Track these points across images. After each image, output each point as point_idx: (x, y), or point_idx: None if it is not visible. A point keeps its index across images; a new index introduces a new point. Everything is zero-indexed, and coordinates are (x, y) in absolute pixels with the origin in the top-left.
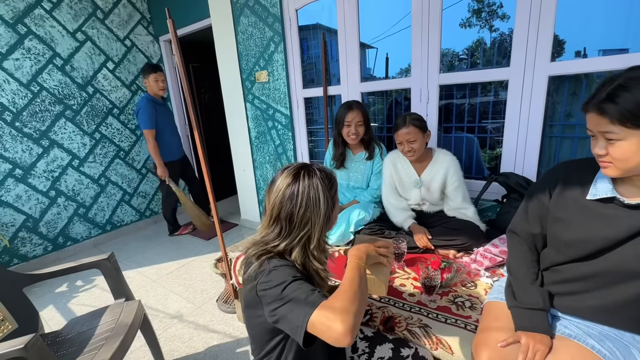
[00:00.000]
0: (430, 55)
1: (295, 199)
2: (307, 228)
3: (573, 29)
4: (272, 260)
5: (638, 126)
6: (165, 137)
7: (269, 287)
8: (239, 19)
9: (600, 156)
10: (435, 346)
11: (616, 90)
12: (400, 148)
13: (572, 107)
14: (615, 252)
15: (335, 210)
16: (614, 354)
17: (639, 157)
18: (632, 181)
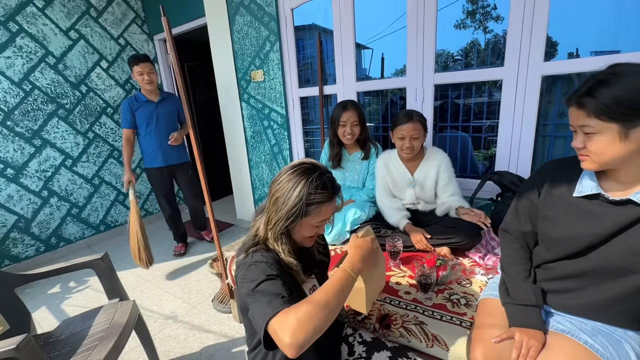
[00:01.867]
0: (426, 55)
1: (276, 181)
2: (273, 209)
3: (566, 30)
4: (256, 254)
5: (613, 119)
6: (149, 139)
7: (244, 282)
8: (234, 17)
9: (578, 149)
10: (430, 343)
11: (596, 85)
12: (399, 144)
13: (565, 107)
14: (603, 249)
15: (310, 220)
16: (606, 348)
17: (614, 151)
18: (616, 177)
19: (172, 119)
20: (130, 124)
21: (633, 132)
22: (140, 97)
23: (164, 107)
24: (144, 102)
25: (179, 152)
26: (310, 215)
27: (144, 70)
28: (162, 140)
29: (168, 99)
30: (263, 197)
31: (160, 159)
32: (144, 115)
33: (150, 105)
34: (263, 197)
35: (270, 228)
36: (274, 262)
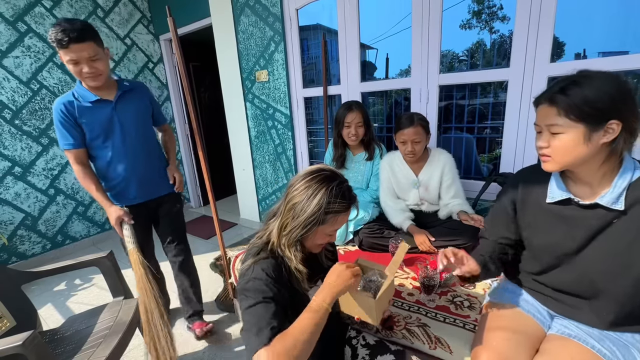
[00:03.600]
0: (430, 56)
1: (293, 186)
2: (289, 216)
3: (573, 31)
4: (257, 268)
5: (581, 119)
6: (110, 161)
7: (242, 296)
8: (239, 18)
9: (541, 148)
10: (434, 345)
11: (569, 85)
12: (402, 148)
13: None
14: (584, 254)
15: (325, 228)
16: (614, 353)
17: (577, 152)
18: (580, 179)
19: (145, 121)
20: (75, 142)
21: (595, 135)
22: (84, 94)
23: (128, 106)
24: (92, 104)
25: (162, 177)
26: (327, 224)
27: (80, 57)
28: (136, 159)
29: (133, 91)
30: (267, 197)
31: (134, 192)
32: (97, 123)
33: (104, 108)
34: (267, 197)
35: (285, 234)
36: (274, 277)
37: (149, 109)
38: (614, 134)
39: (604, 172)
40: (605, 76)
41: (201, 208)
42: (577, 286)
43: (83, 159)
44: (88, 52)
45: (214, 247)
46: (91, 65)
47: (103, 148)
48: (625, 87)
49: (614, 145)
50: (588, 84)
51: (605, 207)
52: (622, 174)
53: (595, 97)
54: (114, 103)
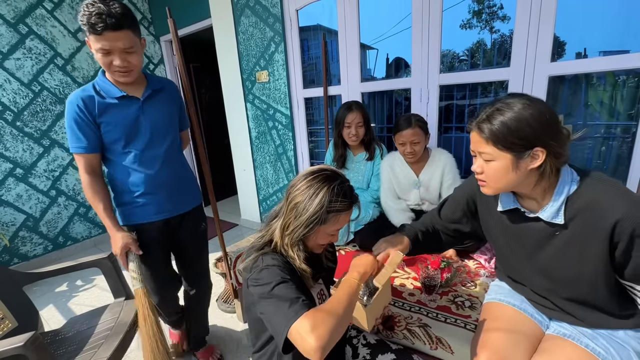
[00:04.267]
0: (431, 56)
1: (295, 186)
2: (291, 215)
3: (573, 30)
4: (266, 257)
5: (507, 148)
6: (132, 170)
7: (257, 285)
8: (239, 19)
9: (477, 174)
10: (435, 345)
11: (493, 113)
12: (401, 149)
13: (572, 107)
14: (537, 263)
15: (327, 228)
16: (608, 351)
17: (507, 178)
18: (527, 196)
19: (174, 126)
20: (89, 144)
21: (522, 162)
22: (108, 89)
23: (157, 107)
24: (116, 100)
25: (188, 188)
26: (329, 223)
27: (114, 47)
28: (161, 169)
29: (164, 90)
30: (267, 197)
31: (155, 207)
32: (120, 124)
33: (130, 106)
34: (267, 198)
35: (287, 234)
36: (284, 265)
37: (175, 113)
38: (540, 160)
39: (544, 188)
40: (526, 104)
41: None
42: (546, 292)
43: (95, 167)
44: (124, 42)
45: (215, 247)
46: (124, 58)
47: (122, 154)
48: (545, 115)
49: (541, 169)
50: (510, 112)
51: (546, 221)
52: (559, 188)
53: (517, 127)
54: (141, 102)
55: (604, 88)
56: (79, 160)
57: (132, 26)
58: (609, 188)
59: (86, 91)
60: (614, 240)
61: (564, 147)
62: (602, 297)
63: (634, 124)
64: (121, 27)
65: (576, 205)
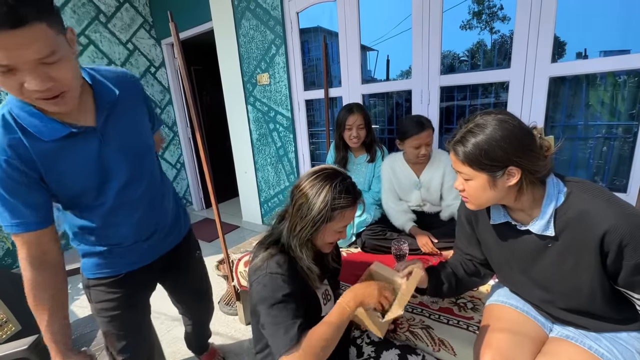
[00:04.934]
0: (431, 57)
1: (298, 187)
2: (297, 216)
3: (574, 30)
4: (271, 263)
5: (481, 169)
6: (104, 229)
7: (259, 291)
8: (240, 22)
9: (460, 191)
10: (437, 347)
11: (466, 135)
12: (414, 152)
13: (573, 108)
14: (532, 276)
15: (334, 225)
16: (611, 352)
17: (487, 195)
18: (516, 209)
19: (147, 139)
20: (37, 215)
21: (499, 180)
22: (40, 125)
23: (122, 125)
24: (60, 141)
25: (176, 217)
26: (335, 221)
27: (20, 60)
28: (145, 206)
29: (121, 97)
30: (269, 199)
31: (137, 254)
32: (79, 171)
33: (86, 141)
34: (269, 200)
35: (295, 235)
36: (289, 273)
37: (146, 116)
38: (516, 178)
39: (530, 200)
40: (497, 126)
41: (204, 211)
42: (544, 304)
43: (47, 249)
44: (36, 47)
45: (217, 249)
46: (44, 75)
47: (93, 208)
48: (516, 135)
49: (518, 185)
50: (482, 135)
51: (536, 233)
52: (546, 201)
53: (488, 149)
54: (99, 131)
55: (604, 88)
56: (21, 244)
57: (46, 14)
58: (596, 198)
59: (6, 133)
60: (604, 251)
61: (538, 163)
62: (601, 306)
63: (635, 123)
64: (25, 21)
65: (565, 217)
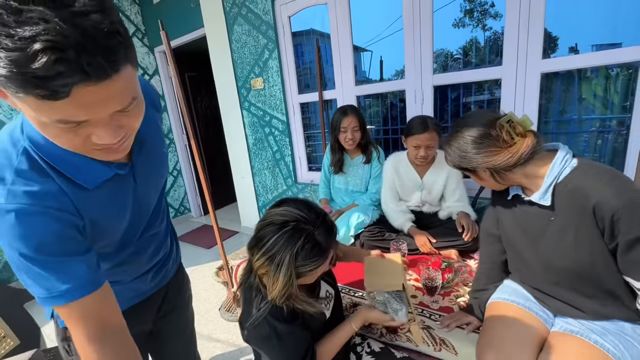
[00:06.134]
0: (423, 57)
1: (261, 249)
2: (266, 284)
3: (565, 25)
4: (263, 325)
5: (464, 171)
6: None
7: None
8: (232, 27)
9: None
10: (438, 347)
11: (450, 140)
12: (413, 152)
13: (565, 103)
14: (539, 253)
15: (307, 280)
16: (617, 347)
17: (485, 184)
18: (525, 186)
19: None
20: (90, 274)
21: (480, 174)
22: (82, 167)
23: (149, 155)
24: (102, 185)
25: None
26: (307, 277)
27: (100, 112)
28: (158, 246)
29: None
30: (267, 203)
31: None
32: (115, 215)
33: (121, 181)
34: (267, 204)
35: (274, 298)
36: (285, 318)
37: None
38: (488, 174)
39: (529, 173)
40: (456, 140)
41: (202, 217)
42: (548, 286)
43: (107, 311)
44: (122, 96)
45: (216, 256)
46: (117, 124)
47: (107, 256)
48: (467, 148)
49: (496, 177)
50: (455, 144)
51: (538, 204)
52: (550, 172)
53: (459, 159)
54: (133, 167)
55: (597, 82)
56: (77, 317)
57: (130, 50)
58: (599, 174)
59: (43, 184)
60: (599, 226)
61: (500, 159)
62: (605, 282)
63: (628, 116)
64: (115, 69)
65: (565, 190)
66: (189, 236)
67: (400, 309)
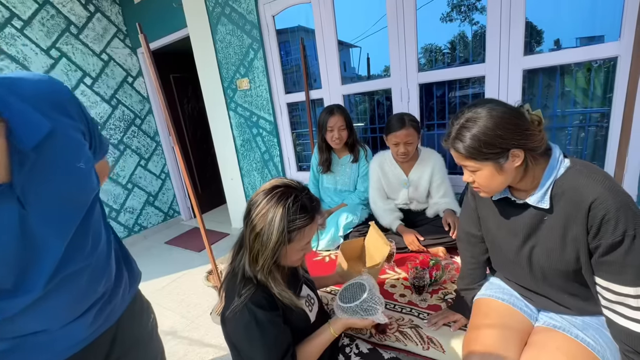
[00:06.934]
0: (408, 56)
1: (253, 211)
2: (258, 246)
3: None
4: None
5: (485, 159)
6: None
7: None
8: (216, 27)
9: (470, 183)
10: (426, 346)
11: (461, 130)
12: (394, 150)
13: (547, 99)
14: (527, 251)
15: (295, 245)
16: (597, 341)
17: (498, 181)
18: (522, 188)
19: (86, 177)
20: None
21: (505, 164)
22: None
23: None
24: None
25: (123, 273)
26: (295, 241)
27: None
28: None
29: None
30: None
31: (77, 335)
32: None
33: None
34: None
35: (259, 269)
36: (266, 307)
37: (85, 144)
38: (521, 158)
39: (533, 176)
40: (487, 114)
41: (192, 220)
42: (532, 283)
43: None
44: None
45: (207, 259)
46: None
47: (8, 298)
48: (509, 118)
49: (526, 164)
50: (476, 127)
51: (534, 206)
52: (546, 173)
53: (487, 140)
54: (17, 189)
55: (579, 76)
56: None
57: None
58: (592, 174)
59: None
60: (589, 224)
61: (535, 139)
62: (588, 279)
63: (608, 109)
64: None
65: (560, 190)
66: (179, 240)
67: (374, 307)
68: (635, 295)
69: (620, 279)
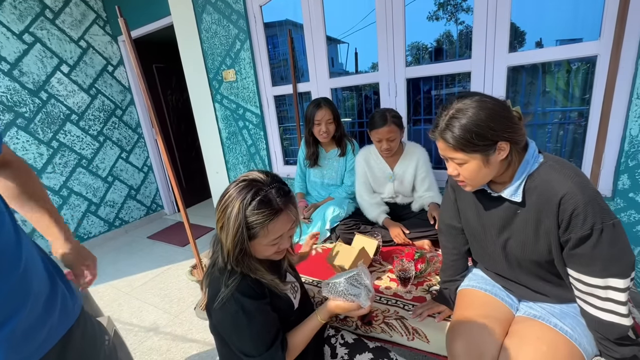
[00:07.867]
0: (396, 50)
1: (221, 202)
2: (223, 237)
3: (531, 20)
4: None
5: (474, 151)
6: None
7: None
8: (201, 16)
9: (454, 176)
10: (411, 336)
11: (451, 121)
12: (378, 146)
13: (530, 96)
14: (502, 243)
15: (261, 241)
16: (574, 330)
17: (483, 173)
18: (497, 181)
19: None
20: None
21: (491, 157)
22: None
23: None
24: None
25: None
26: (260, 237)
27: None
28: None
29: None
30: None
31: None
32: None
33: None
34: None
35: (227, 261)
36: (252, 295)
37: None
38: (506, 151)
39: (513, 170)
40: (478, 106)
41: (176, 214)
42: (510, 273)
43: None
44: None
45: (191, 254)
46: None
47: None
48: (498, 111)
49: (509, 158)
50: (466, 118)
51: (509, 199)
52: (521, 167)
53: (477, 130)
54: None
55: (559, 75)
56: None
57: None
58: (564, 169)
59: None
60: (559, 218)
61: (520, 133)
62: (561, 269)
63: (587, 108)
64: None
65: (534, 184)
66: (162, 234)
67: (358, 294)
68: (604, 286)
69: (589, 270)
